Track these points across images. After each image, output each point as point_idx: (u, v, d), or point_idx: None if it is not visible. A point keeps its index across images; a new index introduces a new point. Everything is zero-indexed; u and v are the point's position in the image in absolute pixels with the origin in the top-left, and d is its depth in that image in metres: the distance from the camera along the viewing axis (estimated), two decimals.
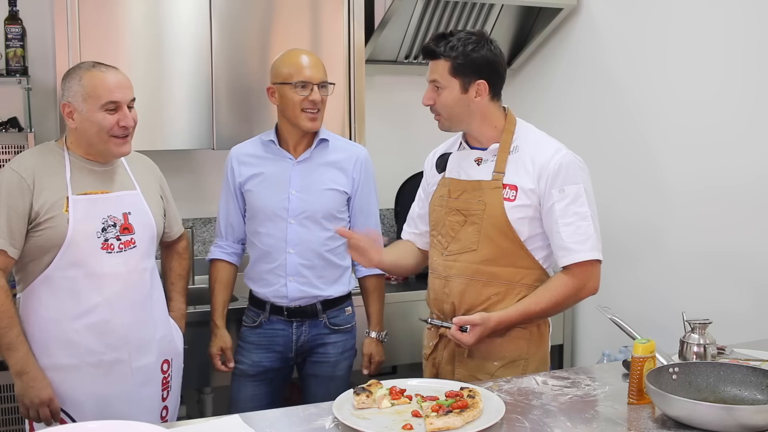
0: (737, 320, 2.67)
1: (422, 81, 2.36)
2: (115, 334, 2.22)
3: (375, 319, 2.73)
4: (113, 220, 2.22)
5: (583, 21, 3.45)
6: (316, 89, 2.51)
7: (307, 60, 2.54)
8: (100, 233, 2.19)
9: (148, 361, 2.30)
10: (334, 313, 2.64)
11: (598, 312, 2.19)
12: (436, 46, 2.17)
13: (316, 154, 2.60)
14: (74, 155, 2.23)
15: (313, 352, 2.64)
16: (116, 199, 2.25)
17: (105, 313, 2.20)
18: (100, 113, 2.16)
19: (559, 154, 2.18)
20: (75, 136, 2.22)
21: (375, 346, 2.72)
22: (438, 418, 1.68)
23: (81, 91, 2.16)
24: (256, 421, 1.77)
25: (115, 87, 2.18)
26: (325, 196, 2.58)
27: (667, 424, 1.73)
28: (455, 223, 2.24)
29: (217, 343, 2.63)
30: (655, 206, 3.08)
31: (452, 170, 2.31)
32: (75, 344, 2.19)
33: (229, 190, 2.64)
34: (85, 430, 1.67)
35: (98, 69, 2.20)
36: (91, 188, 2.22)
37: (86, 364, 2.20)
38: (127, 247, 2.24)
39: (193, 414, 3.17)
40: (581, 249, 2.13)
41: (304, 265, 2.57)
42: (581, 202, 2.15)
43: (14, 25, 2.97)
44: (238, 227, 2.66)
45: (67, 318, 2.18)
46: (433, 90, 2.20)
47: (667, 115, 3.01)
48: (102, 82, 2.16)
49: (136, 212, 2.28)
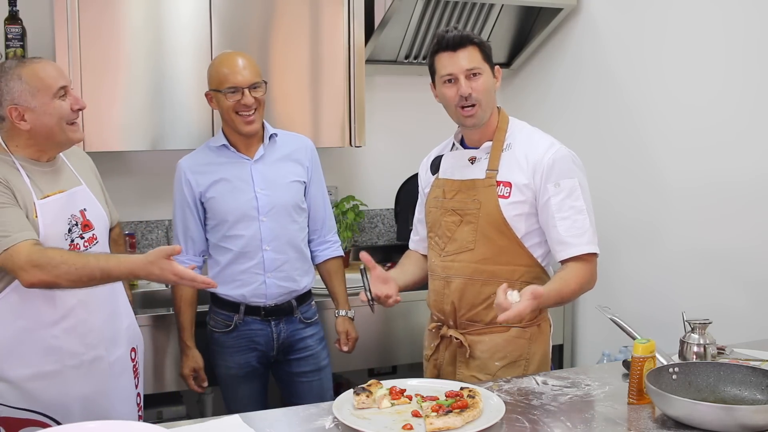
0: (737, 319, 2.66)
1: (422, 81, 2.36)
2: (92, 332, 2.19)
3: (342, 298, 2.80)
4: (75, 219, 2.17)
5: (583, 21, 3.44)
6: (248, 92, 2.50)
7: (235, 65, 2.52)
8: (66, 234, 2.14)
9: (120, 353, 2.28)
10: (305, 308, 2.71)
11: (598, 312, 2.19)
12: (466, 33, 2.15)
13: (270, 150, 2.63)
14: (22, 158, 2.12)
15: (294, 348, 2.67)
16: (71, 197, 2.18)
17: (81, 314, 2.16)
18: (55, 102, 2.08)
19: (553, 148, 2.18)
20: (24, 138, 2.10)
21: (349, 324, 2.79)
22: (438, 418, 1.68)
23: (26, 87, 2.05)
24: (256, 421, 1.77)
25: (58, 73, 2.11)
26: (291, 189, 2.63)
27: (667, 424, 1.72)
28: (451, 223, 2.24)
29: (189, 364, 2.64)
30: (655, 205, 3.07)
31: (446, 171, 2.31)
32: (56, 350, 2.13)
33: (186, 203, 2.61)
34: (84, 430, 1.67)
35: (30, 61, 2.10)
36: (49, 190, 2.14)
37: (68, 368, 2.15)
38: (91, 244, 2.19)
39: (193, 414, 3.17)
40: (578, 243, 2.13)
41: (281, 259, 2.60)
42: (576, 196, 2.14)
43: (14, 25, 2.97)
44: (198, 240, 2.64)
45: (44, 325, 2.11)
46: (468, 78, 2.14)
47: (668, 115, 3.01)
48: (44, 72, 2.08)
49: (90, 207, 2.23)
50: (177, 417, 2.98)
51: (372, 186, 3.79)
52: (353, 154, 3.75)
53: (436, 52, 2.19)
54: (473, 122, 2.19)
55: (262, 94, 2.55)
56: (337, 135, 3.31)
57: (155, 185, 3.41)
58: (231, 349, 2.64)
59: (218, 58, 2.60)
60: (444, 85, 2.19)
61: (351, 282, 3.02)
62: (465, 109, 2.16)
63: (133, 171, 3.40)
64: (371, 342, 3.12)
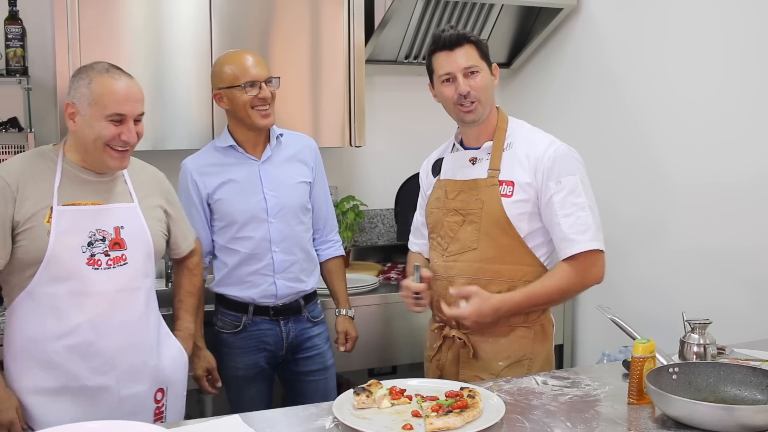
0: (737, 319, 2.67)
1: (422, 81, 2.36)
2: (100, 358, 2.05)
3: (343, 298, 2.81)
4: (102, 234, 2.05)
5: (583, 21, 3.45)
6: (265, 86, 2.52)
7: (250, 59, 2.54)
8: (85, 247, 2.03)
9: (139, 390, 2.12)
10: (312, 307, 2.72)
11: (598, 312, 2.19)
12: (462, 32, 2.17)
13: (276, 151, 2.63)
14: (69, 162, 2.08)
15: (302, 347, 2.67)
16: (108, 211, 2.08)
17: (88, 334, 2.03)
18: (102, 122, 2.01)
19: (553, 146, 2.18)
20: (74, 140, 2.07)
21: (349, 323, 2.79)
22: (438, 418, 1.68)
23: (88, 94, 2.00)
24: (256, 421, 1.77)
25: (125, 99, 2.02)
26: (298, 190, 2.63)
27: (667, 424, 1.72)
28: (454, 223, 2.24)
29: (202, 364, 2.57)
30: (655, 204, 3.08)
31: (447, 172, 2.31)
32: (56, 366, 2.02)
33: (192, 204, 2.58)
34: (84, 430, 1.66)
35: (111, 75, 2.03)
36: (82, 199, 2.05)
37: (69, 389, 2.03)
38: (117, 264, 2.07)
39: (193, 414, 3.16)
40: (582, 239, 2.13)
41: (290, 261, 2.61)
42: (578, 192, 2.15)
43: (14, 25, 2.97)
44: (205, 241, 2.62)
45: (47, 338, 2.02)
46: (466, 76, 2.17)
47: (668, 114, 3.01)
48: (111, 91, 2.01)
49: (131, 227, 2.11)
50: None
51: (372, 186, 3.79)
52: (353, 154, 3.75)
53: (434, 52, 2.20)
54: (472, 118, 2.20)
55: (275, 88, 2.57)
56: (337, 135, 3.31)
57: None
58: (240, 350, 2.63)
59: (227, 56, 2.58)
60: (442, 85, 2.20)
61: (351, 282, 3.03)
62: (464, 105, 2.18)
63: None
64: (371, 342, 3.12)
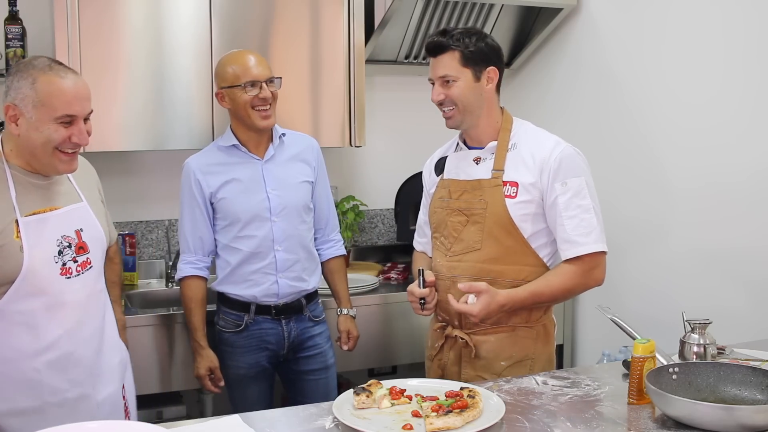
0: (737, 319, 2.66)
1: (422, 81, 2.36)
2: (78, 368, 1.98)
3: (345, 297, 2.82)
4: (68, 240, 1.95)
5: (583, 21, 3.44)
6: (265, 86, 2.53)
7: (252, 59, 2.55)
8: (57, 257, 1.92)
9: (110, 391, 2.08)
10: (313, 306, 2.72)
11: (598, 312, 2.19)
12: (443, 39, 2.17)
13: (279, 151, 2.65)
14: (15, 168, 1.91)
15: (303, 346, 2.68)
16: (66, 215, 1.97)
17: (67, 346, 1.94)
18: (51, 125, 1.85)
19: (559, 147, 2.19)
20: (15, 144, 1.90)
21: (351, 323, 2.80)
22: (438, 418, 1.68)
23: (33, 95, 1.83)
24: (256, 421, 1.77)
25: (74, 98, 1.87)
26: (301, 189, 2.64)
27: (667, 424, 1.72)
28: (457, 223, 2.24)
29: (205, 364, 2.61)
30: (655, 204, 3.07)
31: (451, 171, 2.31)
32: (36, 384, 1.91)
33: (195, 203, 2.59)
34: (84, 430, 1.66)
35: (56, 72, 1.86)
36: (39, 206, 1.91)
37: (50, 405, 1.94)
38: (84, 269, 1.98)
39: (193, 414, 3.17)
40: (586, 241, 2.14)
41: (292, 260, 2.61)
42: (584, 194, 2.15)
43: (14, 25, 2.97)
44: (207, 240, 2.63)
45: (24, 356, 1.90)
46: (441, 85, 2.19)
47: (668, 114, 3.01)
48: (60, 91, 1.84)
49: (88, 227, 2.01)
50: (177, 417, 2.98)
51: (372, 186, 3.79)
52: (353, 154, 3.75)
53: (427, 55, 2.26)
54: (451, 124, 2.24)
55: (277, 88, 2.57)
56: (337, 135, 3.31)
57: (155, 185, 3.41)
58: (241, 349, 2.64)
59: (230, 56, 2.60)
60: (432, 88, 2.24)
61: (353, 281, 3.03)
62: (443, 111, 2.22)
63: (133, 171, 3.40)
64: (371, 342, 3.12)
